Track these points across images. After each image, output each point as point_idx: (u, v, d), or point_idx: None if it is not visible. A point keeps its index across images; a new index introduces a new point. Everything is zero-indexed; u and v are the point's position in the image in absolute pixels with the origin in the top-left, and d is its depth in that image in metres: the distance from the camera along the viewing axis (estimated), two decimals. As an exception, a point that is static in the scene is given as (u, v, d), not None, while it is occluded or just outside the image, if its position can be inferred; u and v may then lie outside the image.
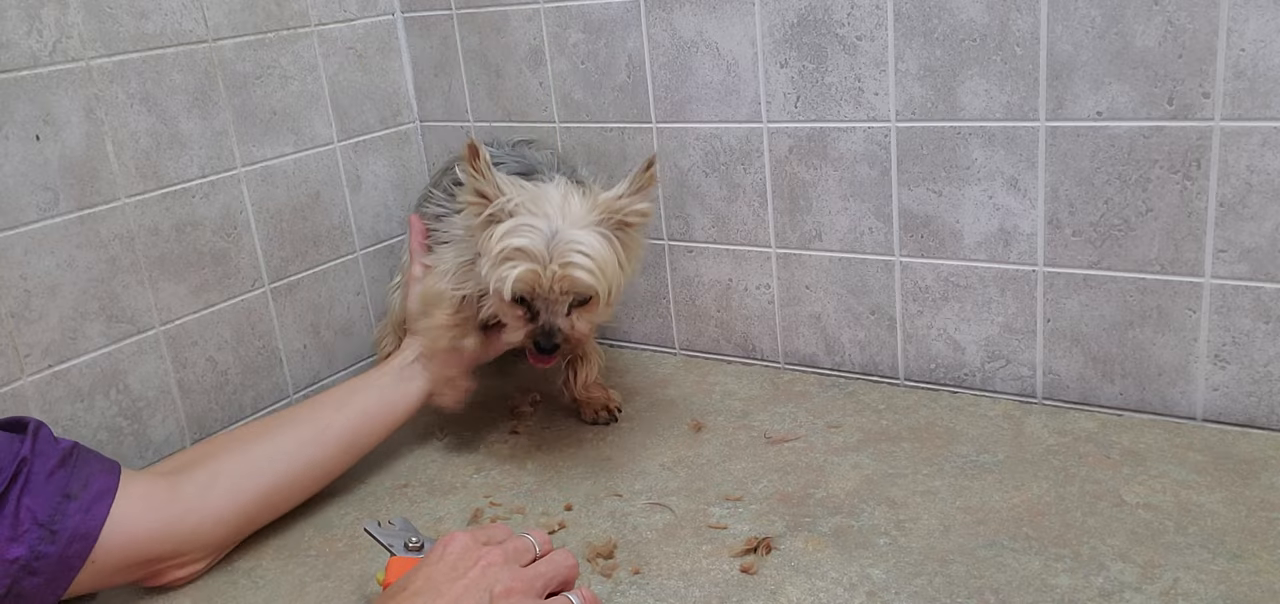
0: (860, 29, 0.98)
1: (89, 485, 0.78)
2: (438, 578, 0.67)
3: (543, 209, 0.87)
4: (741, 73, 1.06)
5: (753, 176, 1.10)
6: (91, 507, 0.77)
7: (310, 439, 0.92)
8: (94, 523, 0.77)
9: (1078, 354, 0.97)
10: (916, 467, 0.90)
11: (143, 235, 1.04)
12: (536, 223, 0.86)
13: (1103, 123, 0.90)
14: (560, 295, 0.87)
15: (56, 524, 0.75)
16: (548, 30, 1.18)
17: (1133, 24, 0.86)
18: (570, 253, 0.85)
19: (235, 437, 0.94)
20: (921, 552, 0.78)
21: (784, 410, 1.04)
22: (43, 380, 0.97)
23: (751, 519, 0.85)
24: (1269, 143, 0.83)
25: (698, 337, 1.21)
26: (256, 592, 0.84)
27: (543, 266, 0.85)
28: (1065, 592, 0.72)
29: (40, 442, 0.77)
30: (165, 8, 1.04)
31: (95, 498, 0.78)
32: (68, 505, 0.76)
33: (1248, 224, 0.86)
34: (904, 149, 1.00)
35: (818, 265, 1.09)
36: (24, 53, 0.93)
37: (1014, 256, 0.98)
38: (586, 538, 0.85)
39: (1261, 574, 0.71)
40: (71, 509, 0.76)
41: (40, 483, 0.75)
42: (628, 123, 1.16)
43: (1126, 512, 0.80)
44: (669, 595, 0.77)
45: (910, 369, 1.08)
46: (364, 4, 1.25)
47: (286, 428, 0.93)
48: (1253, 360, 0.90)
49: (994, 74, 0.93)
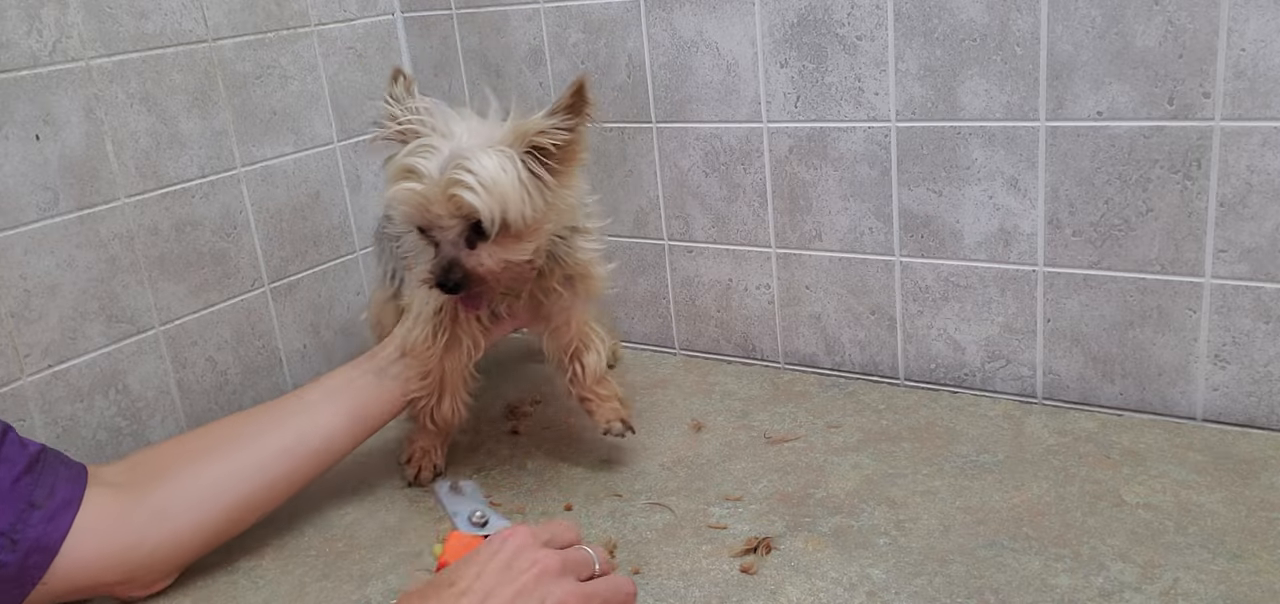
0: (860, 29, 0.98)
1: (55, 494, 0.75)
2: (489, 576, 0.63)
3: (449, 130, 0.81)
4: (741, 73, 1.06)
5: (753, 176, 1.10)
6: (55, 516, 0.74)
7: (278, 454, 0.86)
8: (56, 535, 0.74)
9: (1078, 354, 0.97)
10: (916, 467, 0.90)
11: (142, 235, 1.04)
12: (437, 143, 0.80)
13: (1103, 123, 0.90)
14: (450, 219, 0.79)
15: (18, 533, 0.72)
16: (548, 30, 1.18)
17: (1133, 24, 0.86)
18: (460, 172, 0.78)
19: (199, 446, 0.86)
20: (921, 552, 0.78)
21: (784, 410, 1.04)
22: (42, 380, 0.97)
23: (751, 519, 0.85)
24: (1269, 143, 0.83)
25: (698, 336, 1.21)
26: (256, 592, 0.84)
27: (429, 186, 0.78)
28: (1065, 592, 0.72)
29: (7, 446, 0.75)
30: (165, 8, 1.04)
31: (60, 507, 0.75)
32: (31, 515, 0.73)
33: (1248, 224, 0.86)
34: (904, 149, 1.00)
35: (818, 265, 1.09)
36: (24, 53, 0.93)
37: (1014, 256, 0.98)
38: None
39: (1261, 574, 0.71)
40: (35, 518, 0.73)
41: (5, 489, 0.72)
42: (628, 123, 1.16)
43: (1126, 512, 0.80)
44: (669, 595, 0.77)
45: (910, 369, 1.08)
46: (364, 4, 1.25)
47: (251, 442, 0.86)
48: (1253, 360, 0.89)
49: (994, 74, 0.93)
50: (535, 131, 0.80)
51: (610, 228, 1.22)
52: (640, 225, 1.20)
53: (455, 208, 0.79)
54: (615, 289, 1.14)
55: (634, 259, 1.22)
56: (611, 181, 1.20)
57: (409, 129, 0.82)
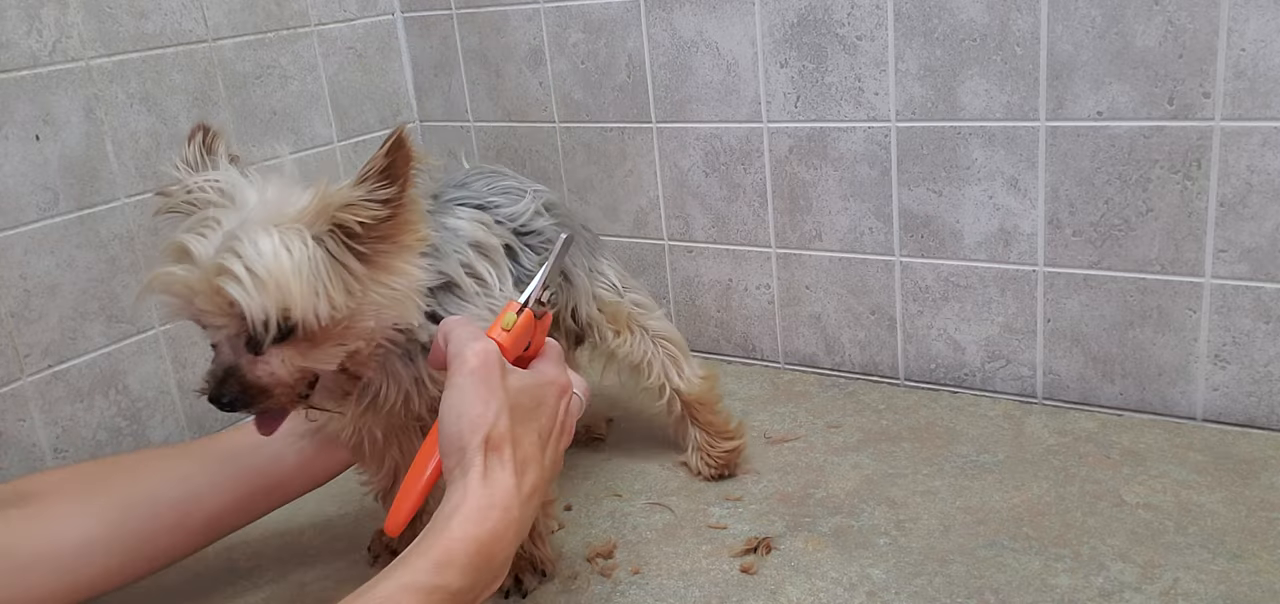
0: (860, 29, 0.98)
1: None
2: (525, 405, 0.63)
3: (240, 201, 0.65)
4: (741, 73, 1.06)
5: (753, 176, 1.10)
6: None
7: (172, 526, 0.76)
8: None
9: (1078, 354, 0.97)
10: (916, 467, 0.90)
11: (143, 235, 1.04)
12: (223, 218, 0.64)
13: (1103, 123, 0.89)
14: (220, 316, 0.63)
15: None
16: (548, 30, 1.18)
17: (1133, 24, 0.86)
18: (229, 256, 0.61)
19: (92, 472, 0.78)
20: (921, 552, 0.78)
21: (784, 410, 1.04)
22: (42, 380, 0.97)
23: (751, 519, 0.85)
24: (1269, 143, 0.83)
25: (698, 337, 1.21)
26: (256, 592, 0.84)
27: (194, 274, 0.62)
28: (1065, 592, 0.72)
29: None
30: (165, 8, 1.04)
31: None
32: None
33: (1248, 224, 0.86)
34: (904, 149, 1.00)
35: (818, 265, 1.09)
36: (24, 53, 0.93)
37: (1014, 256, 0.98)
38: (586, 538, 0.85)
39: (1261, 574, 0.71)
40: None
41: None
42: (628, 123, 1.16)
43: (1126, 512, 0.80)
44: (669, 595, 0.77)
45: (910, 369, 1.08)
46: (364, 4, 1.25)
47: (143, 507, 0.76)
48: (1253, 360, 0.89)
49: (994, 74, 0.93)
50: (340, 204, 0.63)
51: (610, 228, 1.22)
52: (640, 225, 1.20)
53: (225, 303, 0.62)
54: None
55: (634, 259, 1.22)
56: (611, 181, 1.20)
57: (198, 197, 0.66)
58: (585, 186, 1.22)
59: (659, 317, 0.93)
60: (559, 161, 1.23)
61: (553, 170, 1.24)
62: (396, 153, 0.63)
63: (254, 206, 0.64)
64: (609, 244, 1.22)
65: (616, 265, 0.93)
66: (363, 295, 0.65)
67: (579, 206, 1.23)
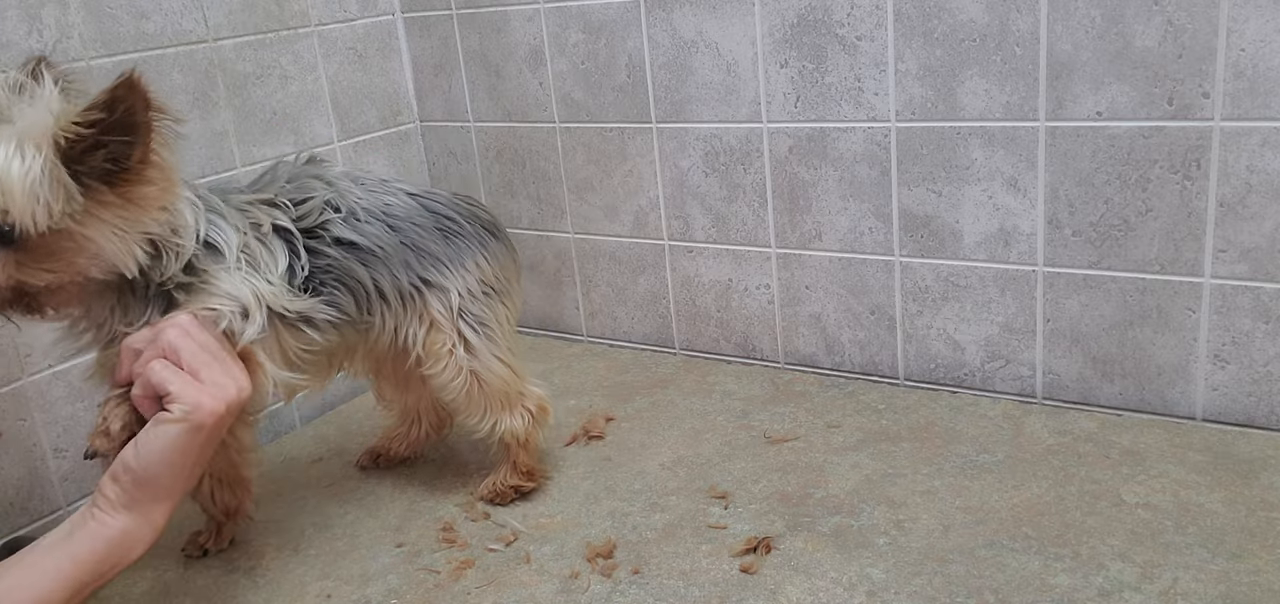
0: (860, 29, 0.98)
1: None
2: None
3: (15, 115, 0.68)
4: (741, 73, 1.06)
5: (753, 176, 1.10)
6: None
7: None
8: None
9: (1078, 354, 0.97)
10: (916, 467, 0.91)
11: (143, 235, 1.04)
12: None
13: (1103, 123, 0.90)
14: None
15: None
16: (548, 30, 1.18)
17: (1133, 24, 0.86)
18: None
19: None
20: (921, 551, 0.78)
21: (784, 410, 1.04)
22: (42, 380, 0.97)
23: (751, 519, 0.85)
24: (1269, 143, 0.83)
25: (698, 337, 1.21)
26: (256, 592, 0.84)
27: None
28: (1065, 592, 0.72)
29: None
30: (165, 8, 1.04)
31: None
32: None
33: (1248, 224, 0.86)
34: (904, 149, 1.00)
35: (818, 265, 1.09)
36: (24, 53, 0.93)
37: (1014, 256, 0.98)
38: (586, 538, 0.86)
39: (1261, 574, 0.71)
40: None
41: None
42: (628, 123, 1.16)
43: (1126, 512, 0.80)
44: (669, 595, 0.77)
45: (910, 369, 1.08)
46: (364, 4, 1.25)
47: None
48: (1252, 360, 0.90)
49: (994, 74, 0.93)
50: (65, 122, 0.66)
51: (610, 228, 1.22)
52: (640, 225, 1.20)
53: None
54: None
55: (634, 259, 1.22)
56: (611, 182, 1.20)
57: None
58: (585, 187, 1.22)
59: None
60: (559, 162, 1.23)
61: (553, 170, 1.24)
62: (126, 94, 0.65)
63: (17, 117, 0.67)
64: (609, 244, 1.22)
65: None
66: (82, 226, 0.68)
67: (579, 206, 1.23)
